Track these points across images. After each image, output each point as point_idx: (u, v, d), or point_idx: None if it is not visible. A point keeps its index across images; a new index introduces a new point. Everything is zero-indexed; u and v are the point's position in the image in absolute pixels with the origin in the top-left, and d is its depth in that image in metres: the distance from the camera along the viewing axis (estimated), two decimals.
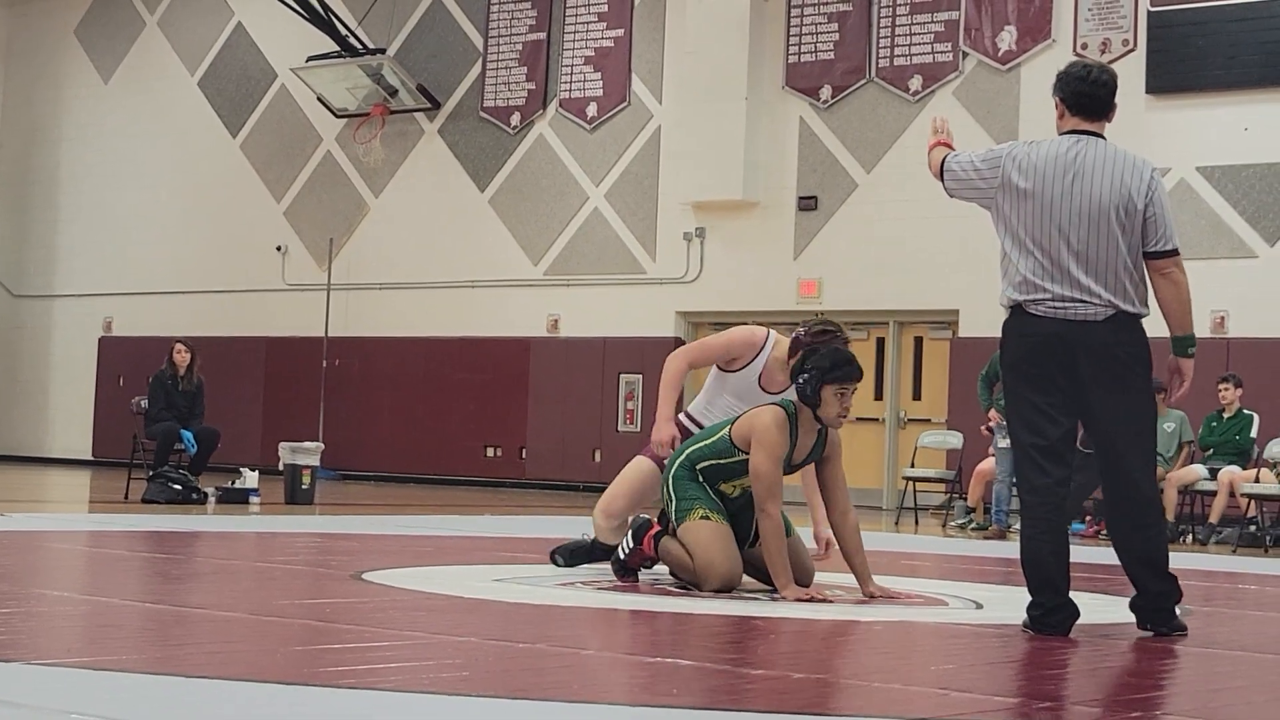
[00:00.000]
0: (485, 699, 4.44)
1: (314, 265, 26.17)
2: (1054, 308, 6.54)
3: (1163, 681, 5.51)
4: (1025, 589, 6.66)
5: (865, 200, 21.77)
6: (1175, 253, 6.63)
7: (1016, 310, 6.66)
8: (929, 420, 21.27)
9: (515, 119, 24.62)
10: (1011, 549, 13.94)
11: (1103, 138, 6.70)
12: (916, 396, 21.86)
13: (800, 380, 7.81)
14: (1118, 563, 6.71)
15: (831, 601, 7.58)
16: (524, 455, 24.27)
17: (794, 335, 8.18)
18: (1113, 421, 6.60)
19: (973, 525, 17.03)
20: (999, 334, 6.78)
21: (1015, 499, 17.13)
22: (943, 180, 6.90)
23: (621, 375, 23.45)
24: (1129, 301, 6.55)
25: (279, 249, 26.53)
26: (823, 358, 7.84)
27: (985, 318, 20.10)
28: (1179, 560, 13.18)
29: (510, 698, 4.51)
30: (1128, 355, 6.55)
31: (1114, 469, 6.65)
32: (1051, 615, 6.58)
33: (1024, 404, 6.63)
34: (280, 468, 16.61)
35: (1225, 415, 16.95)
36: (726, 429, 8.03)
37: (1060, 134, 6.73)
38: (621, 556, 8.24)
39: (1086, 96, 6.69)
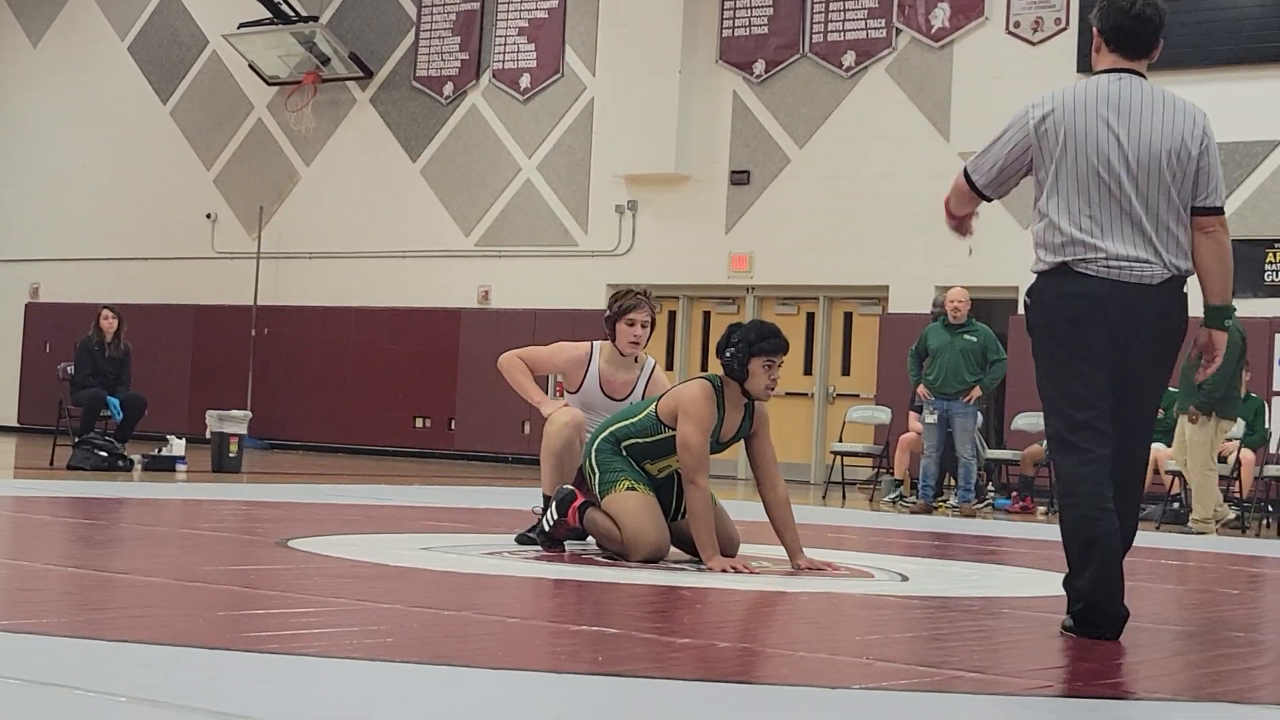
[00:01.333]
0: (409, 665, 4.42)
1: (244, 233, 26.02)
2: (1107, 267, 5.77)
3: (1083, 653, 5.54)
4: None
5: (797, 176, 21.80)
6: (1222, 210, 5.97)
7: (1059, 270, 5.84)
8: (858, 395, 21.35)
9: (448, 89, 24.53)
10: (938, 523, 14.03)
11: (1144, 77, 6.01)
12: (845, 372, 21.93)
13: (727, 355, 7.82)
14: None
15: (757, 572, 7.60)
16: (453, 426, 24.23)
17: (605, 317, 8.46)
18: (1141, 398, 5.87)
19: (902, 500, 17.09)
20: (927, 310, 6.69)
21: (947, 474, 17.26)
22: (973, 187, 6.07)
23: None
24: (1184, 258, 5.86)
25: (209, 217, 26.36)
26: (749, 330, 7.85)
27: (914, 294, 20.19)
28: None
29: (434, 664, 4.49)
30: (1175, 325, 5.89)
31: (1126, 451, 5.86)
32: (1102, 611, 5.68)
33: (1066, 373, 5.81)
34: (207, 436, 16.54)
35: None
36: (652, 406, 8.04)
37: (1096, 71, 6.04)
38: (546, 528, 8.23)
39: (1127, 32, 5.98)
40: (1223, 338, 6.05)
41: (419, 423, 24.53)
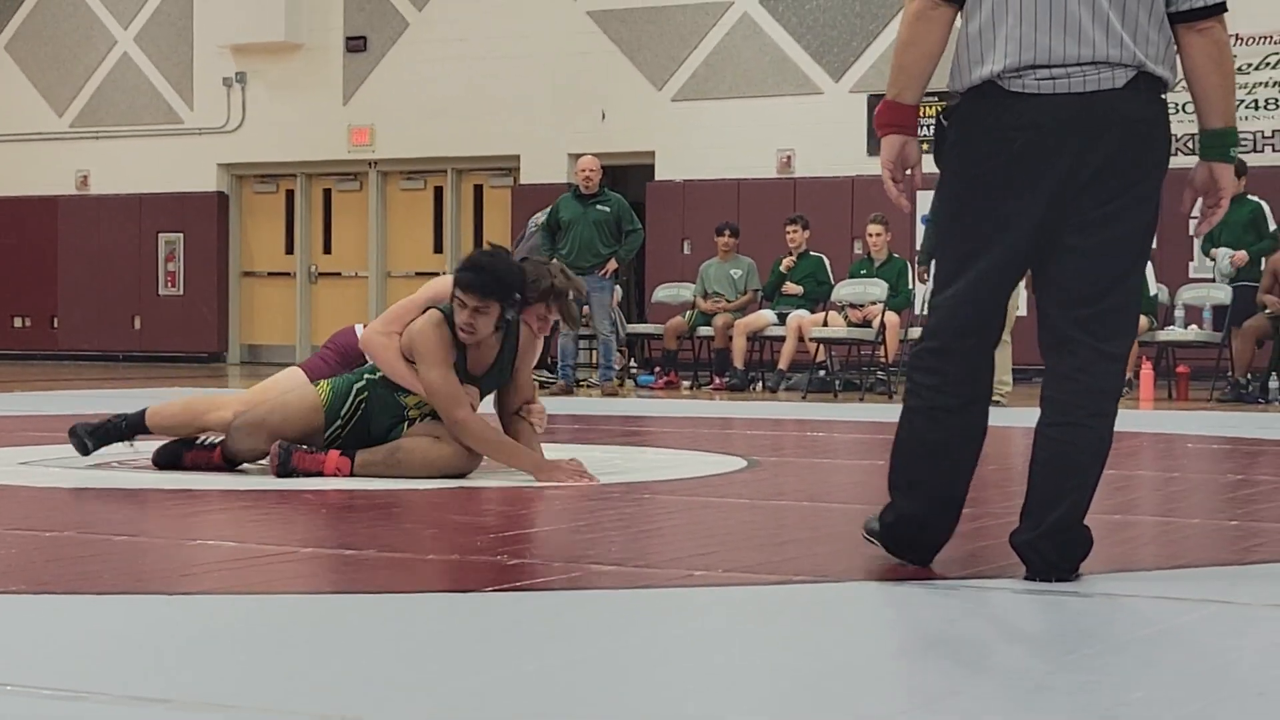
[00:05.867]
0: (3, 595, 4.27)
1: None
2: (1050, 77, 4.43)
3: (730, 535, 5.62)
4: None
5: (418, 41, 21.64)
6: (1222, 7, 4.52)
7: (987, 91, 4.48)
8: None
9: None
10: (579, 404, 14.14)
11: None
12: (480, 246, 21.93)
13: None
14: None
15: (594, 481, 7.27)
16: (56, 325, 23.68)
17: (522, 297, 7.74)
18: (1094, 251, 4.51)
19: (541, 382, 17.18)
20: (564, 180, 6.33)
21: (583, 353, 17.38)
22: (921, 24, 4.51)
23: (161, 235, 23.02)
24: (1156, 60, 4.49)
25: None
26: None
27: (547, 164, 20.23)
28: (749, 409, 13.53)
29: (33, 593, 4.35)
30: (1146, 140, 4.51)
31: (1067, 328, 4.55)
32: (907, 527, 4.72)
33: (983, 223, 4.52)
34: None
35: (795, 256, 17.35)
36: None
37: None
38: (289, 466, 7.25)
39: None
40: (1228, 173, 4.62)
41: (18, 322, 23.91)
